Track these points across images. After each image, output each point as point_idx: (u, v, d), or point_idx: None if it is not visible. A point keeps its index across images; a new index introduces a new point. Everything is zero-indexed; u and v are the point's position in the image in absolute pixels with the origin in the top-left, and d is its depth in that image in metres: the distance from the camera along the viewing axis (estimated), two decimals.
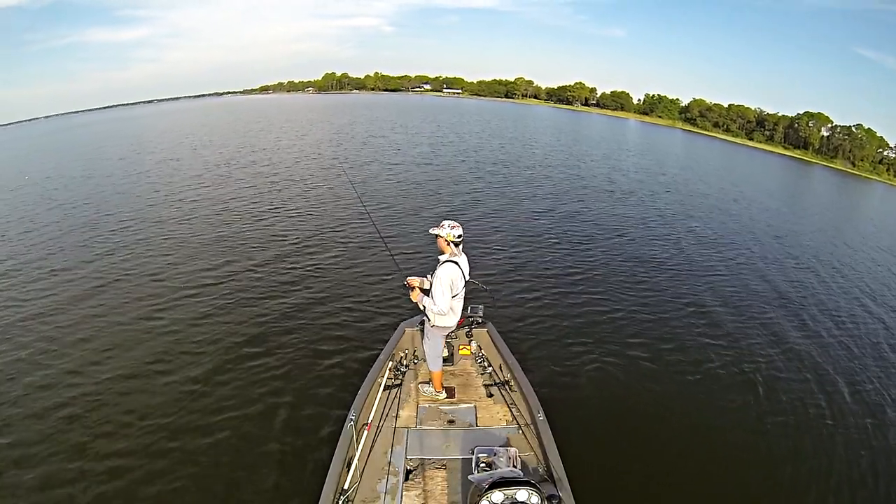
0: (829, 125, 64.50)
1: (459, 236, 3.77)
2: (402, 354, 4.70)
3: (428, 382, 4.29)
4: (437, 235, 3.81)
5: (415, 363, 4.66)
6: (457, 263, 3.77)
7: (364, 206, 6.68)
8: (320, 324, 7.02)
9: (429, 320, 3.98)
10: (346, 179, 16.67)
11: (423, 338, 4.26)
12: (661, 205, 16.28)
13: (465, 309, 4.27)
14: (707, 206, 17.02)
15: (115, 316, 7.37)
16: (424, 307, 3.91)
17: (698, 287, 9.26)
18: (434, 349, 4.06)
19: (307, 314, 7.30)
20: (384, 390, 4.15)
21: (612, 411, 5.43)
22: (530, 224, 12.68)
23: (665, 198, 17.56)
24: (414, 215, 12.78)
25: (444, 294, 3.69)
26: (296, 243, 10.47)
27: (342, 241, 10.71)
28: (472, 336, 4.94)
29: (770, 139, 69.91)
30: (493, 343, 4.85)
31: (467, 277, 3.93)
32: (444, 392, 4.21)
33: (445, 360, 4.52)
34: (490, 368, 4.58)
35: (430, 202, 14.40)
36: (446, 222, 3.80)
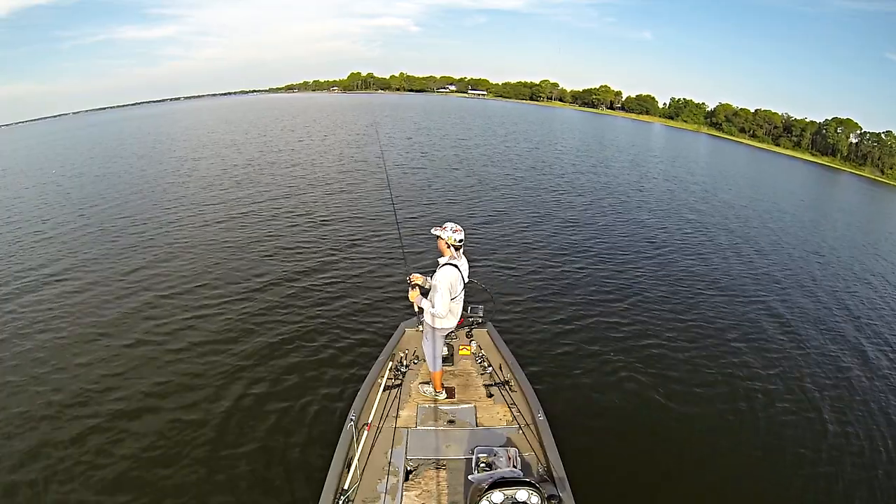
0: (858, 132, 63.32)
1: (461, 241, 3.72)
2: (402, 354, 4.70)
3: (428, 383, 4.29)
4: (437, 237, 3.75)
5: (415, 363, 4.65)
6: (456, 267, 3.73)
7: (392, 208, 6.50)
8: (321, 324, 7.02)
9: (428, 321, 3.96)
10: (366, 179, 16.75)
11: (423, 338, 4.25)
12: (682, 213, 15.68)
13: (464, 309, 4.26)
14: (737, 217, 16.15)
15: (113, 310, 7.38)
16: (422, 308, 3.90)
17: (704, 291, 9.20)
18: (434, 350, 4.05)
19: (308, 315, 7.30)
20: (384, 390, 4.15)
21: (612, 411, 5.43)
22: (540, 227, 12.62)
23: (690, 207, 16.83)
24: (425, 216, 12.72)
25: (444, 298, 3.66)
26: (299, 247, 10.44)
27: (344, 243, 10.71)
28: (472, 336, 4.95)
29: (797, 145, 69.06)
30: (493, 343, 4.86)
31: (466, 280, 3.90)
32: (444, 392, 4.20)
33: (445, 360, 4.52)
34: (490, 368, 4.57)
35: (446, 203, 14.37)
36: (449, 224, 3.73)
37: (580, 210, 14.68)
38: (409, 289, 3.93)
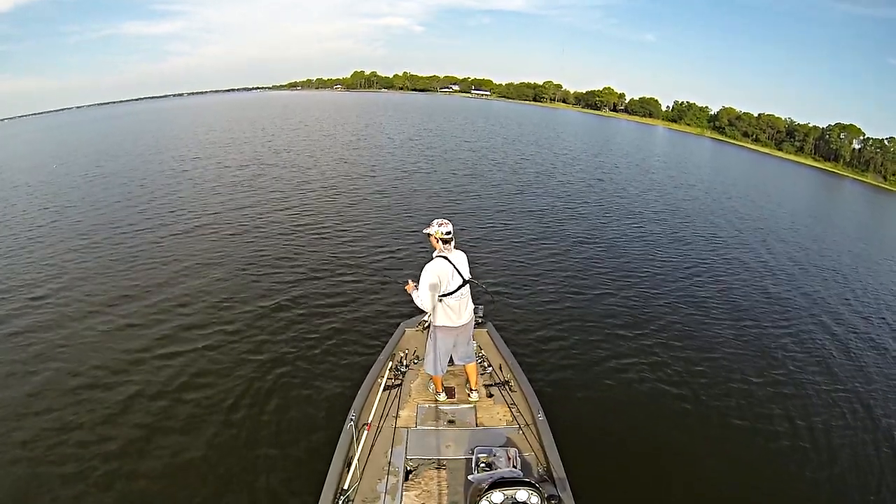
0: (861, 137, 62.82)
1: (448, 233, 3.79)
2: (402, 354, 4.70)
3: (428, 382, 4.29)
4: (428, 235, 3.87)
5: (415, 363, 4.65)
6: (447, 259, 3.78)
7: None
8: (320, 324, 7.02)
9: (432, 321, 3.95)
10: (365, 183, 16.75)
11: (427, 338, 4.24)
12: (685, 218, 15.43)
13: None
14: (751, 230, 15.01)
15: (107, 310, 7.34)
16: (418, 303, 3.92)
17: (711, 297, 9.05)
18: (433, 350, 4.01)
19: (307, 315, 7.30)
20: (384, 390, 4.15)
21: (612, 411, 5.43)
22: (541, 228, 12.58)
23: (695, 213, 16.41)
24: (426, 217, 12.52)
25: (428, 288, 3.72)
26: (296, 247, 10.41)
27: (342, 243, 10.70)
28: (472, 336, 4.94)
29: (800, 150, 68.49)
30: (493, 343, 4.86)
31: (466, 275, 3.89)
32: (444, 392, 4.21)
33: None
34: (490, 368, 4.57)
35: (449, 206, 14.31)
36: (435, 221, 3.86)
37: (585, 213, 14.64)
38: (406, 283, 4.01)
